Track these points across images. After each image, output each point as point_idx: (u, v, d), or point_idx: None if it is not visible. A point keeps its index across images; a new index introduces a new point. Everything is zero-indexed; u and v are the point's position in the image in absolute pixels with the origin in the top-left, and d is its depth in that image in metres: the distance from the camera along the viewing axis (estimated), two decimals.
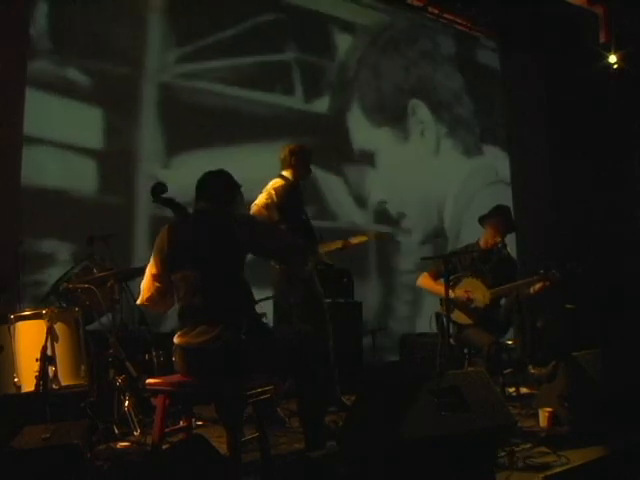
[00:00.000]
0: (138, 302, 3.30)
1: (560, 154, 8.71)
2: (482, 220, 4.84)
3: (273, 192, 4.33)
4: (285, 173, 4.52)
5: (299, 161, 4.52)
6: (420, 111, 7.78)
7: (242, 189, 3.39)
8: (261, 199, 4.31)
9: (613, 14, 7.99)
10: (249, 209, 4.29)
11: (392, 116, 7.54)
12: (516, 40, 8.67)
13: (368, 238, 4.94)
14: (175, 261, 3.18)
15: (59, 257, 5.17)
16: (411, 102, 7.72)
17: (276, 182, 4.41)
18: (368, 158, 7.19)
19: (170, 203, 3.24)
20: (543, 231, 8.68)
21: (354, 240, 4.76)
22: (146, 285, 3.25)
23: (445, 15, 8.16)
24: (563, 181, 8.70)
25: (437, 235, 7.45)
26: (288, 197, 4.38)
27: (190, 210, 3.30)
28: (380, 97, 7.42)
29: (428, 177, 7.68)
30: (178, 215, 3.25)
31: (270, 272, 4.46)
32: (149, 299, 3.25)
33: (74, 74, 5.55)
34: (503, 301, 4.80)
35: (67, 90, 5.50)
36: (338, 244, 4.67)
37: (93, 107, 5.63)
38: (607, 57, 7.84)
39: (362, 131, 7.19)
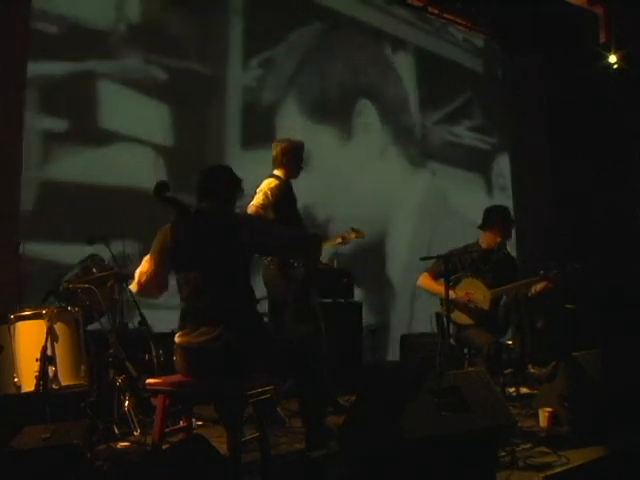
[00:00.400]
0: (131, 287, 3.29)
1: (560, 154, 8.70)
2: (483, 226, 4.81)
3: (269, 192, 4.35)
4: (277, 172, 4.53)
5: (291, 160, 4.54)
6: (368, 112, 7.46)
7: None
8: (258, 199, 4.33)
9: (613, 14, 7.98)
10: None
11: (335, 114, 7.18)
12: (516, 40, 8.68)
13: (363, 235, 4.97)
14: (177, 261, 3.18)
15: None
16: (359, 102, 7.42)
17: (271, 182, 4.43)
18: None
19: (172, 202, 3.23)
20: (543, 231, 8.68)
21: (351, 235, 4.81)
22: (141, 278, 3.20)
23: (445, 15, 8.16)
24: (563, 181, 8.70)
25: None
26: (283, 196, 4.42)
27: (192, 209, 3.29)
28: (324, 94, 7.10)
29: (369, 181, 7.26)
30: (180, 214, 3.25)
31: (264, 270, 4.46)
32: (142, 290, 3.24)
33: (156, 72, 5.87)
34: (503, 301, 4.79)
35: (148, 87, 5.80)
36: (337, 239, 4.75)
37: (170, 104, 5.96)
38: (607, 57, 7.83)
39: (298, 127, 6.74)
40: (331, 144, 6.85)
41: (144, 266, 3.21)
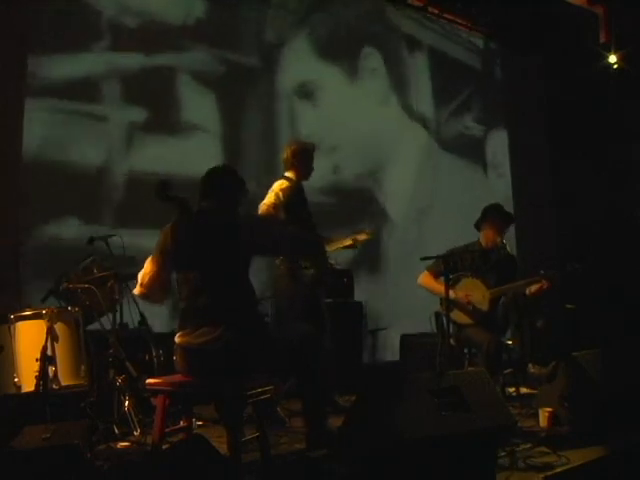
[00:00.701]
0: (134, 292, 3.30)
1: (560, 154, 8.71)
2: (478, 225, 4.83)
3: (280, 193, 4.40)
4: (288, 174, 4.59)
5: (301, 162, 4.59)
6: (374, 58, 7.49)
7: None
8: (269, 199, 4.39)
9: (613, 14, 7.98)
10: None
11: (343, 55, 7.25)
12: (516, 40, 8.68)
13: (372, 236, 4.97)
14: (178, 261, 3.18)
15: None
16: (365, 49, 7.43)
17: (282, 183, 4.49)
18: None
19: (175, 201, 3.23)
20: (543, 231, 8.68)
21: (361, 236, 4.82)
22: (144, 280, 3.21)
23: (445, 15, 8.16)
24: (563, 181, 8.71)
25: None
26: (294, 197, 4.47)
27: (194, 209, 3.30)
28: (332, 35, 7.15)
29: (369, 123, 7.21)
30: (182, 214, 3.25)
31: (274, 270, 4.51)
32: (145, 294, 3.24)
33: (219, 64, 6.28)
34: (503, 300, 4.80)
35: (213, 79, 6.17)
36: (348, 241, 4.74)
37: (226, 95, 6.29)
38: (607, 57, 7.84)
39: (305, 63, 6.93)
40: (337, 82, 6.95)
41: (146, 268, 3.21)
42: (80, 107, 5.51)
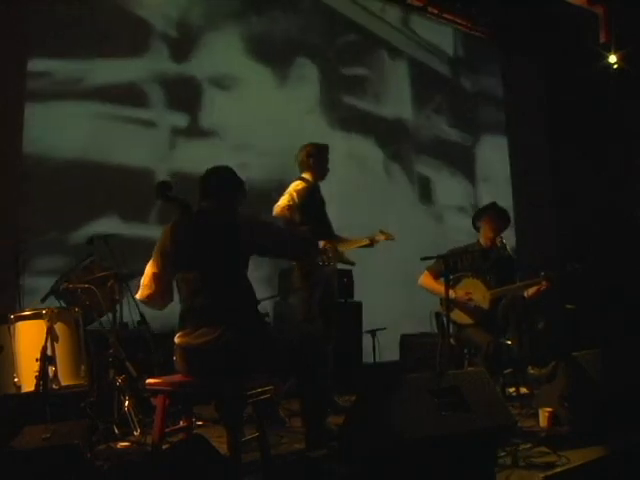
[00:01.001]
0: (137, 296, 3.30)
1: (560, 154, 8.71)
2: (475, 221, 4.85)
3: (295, 194, 4.45)
4: (305, 175, 4.66)
5: (317, 162, 4.66)
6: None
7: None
8: (283, 201, 4.43)
9: (613, 14, 7.99)
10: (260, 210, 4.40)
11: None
12: (516, 40, 8.68)
13: (391, 237, 4.96)
14: (177, 261, 3.18)
15: None
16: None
17: (297, 184, 4.55)
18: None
19: (175, 201, 3.24)
20: (543, 231, 8.68)
21: (380, 237, 4.85)
22: (145, 282, 3.22)
23: (445, 15, 8.17)
24: (563, 181, 8.71)
25: None
26: (309, 198, 4.51)
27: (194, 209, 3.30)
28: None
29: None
30: (182, 214, 3.25)
31: (293, 270, 4.57)
32: (148, 296, 3.23)
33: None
34: (503, 301, 4.80)
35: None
36: (365, 241, 4.78)
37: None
38: (607, 57, 7.84)
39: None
40: (263, 83, 6.80)
41: (147, 270, 3.22)
42: (123, 111, 5.78)
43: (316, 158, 4.65)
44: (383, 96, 7.72)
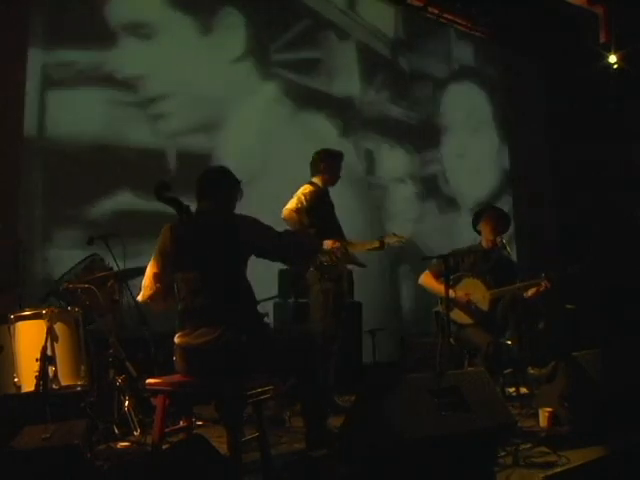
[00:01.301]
0: (139, 298, 3.30)
1: (560, 154, 8.71)
2: (474, 223, 4.87)
3: (302, 197, 4.52)
4: (315, 179, 4.72)
5: (328, 168, 4.72)
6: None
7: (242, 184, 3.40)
8: (291, 204, 4.49)
9: (613, 14, 8.00)
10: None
11: None
12: (516, 40, 8.68)
13: (404, 240, 4.95)
14: (176, 262, 3.19)
15: None
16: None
17: (306, 188, 4.60)
18: None
19: (173, 202, 3.24)
20: (543, 231, 8.69)
21: (391, 239, 4.83)
22: (147, 283, 3.24)
23: (445, 15, 8.17)
24: (563, 181, 8.71)
25: None
26: (317, 202, 4.57)
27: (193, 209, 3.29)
28: None
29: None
30: (180, 214, 3.25)
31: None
32: (150, 297, 3.25)
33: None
34: (503, 301, 4.80)
35: None
36: (375, 243, 4.78)
37: None
38: (607, 57, 7.85)
39: None
40: (184, 32, 6.48)
41: (148, 271, 3.23)
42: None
43: (327, 163, 4.72)
44: (333, 75, 7.61)
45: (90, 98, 5.61)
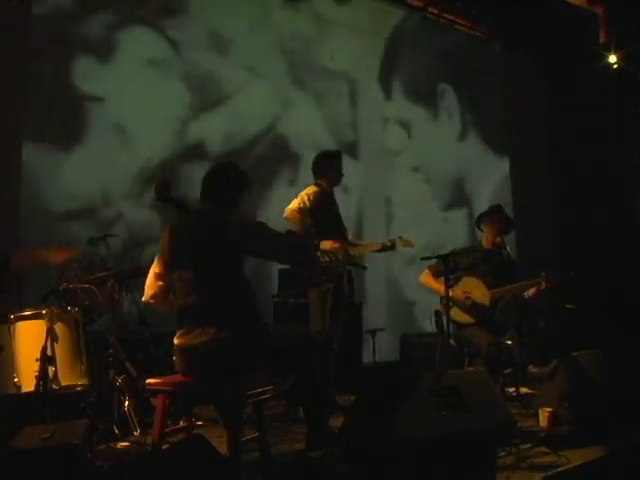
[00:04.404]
0: (143, 299, 3.32)
1: (560, 154, 8.71)
2: (478, 221, 4.88)
3: (305, 197, 4.55)
4: (319, 180, 4.74)
5: (330, 169, 4.75)
6: None
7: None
8: (294, 204, 4.52)
9: (613, 14, 8.00)
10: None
11: None
12: (516, 40, 8.68)
13: (411, 244, 4.95)
14: (174, 261, 3.19)
15: None
16: None
17: (310, 189, 4.64)
18: None
19: (173, 201, 3.23)
20: (543, 231, 8.68)
21: (398, 243, 4.86)
22: (150, 283, 3.27)
23: (445, 15, 8.17)
24: (563, 181, 8.71)
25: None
26: (320, 202, 4.58)
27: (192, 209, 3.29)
28: None
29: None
30: (181, 214, 3.25)
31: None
32: (153, 296, 3.26)
33: None
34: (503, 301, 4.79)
35: None
36: (376, 246, 4.84)
37: None
38: (607, 57, 7.84)
39: None
40: None
41: (150, 271, 3.25)
42: None
43: (330, 165, 4.75)
44: None
45: None
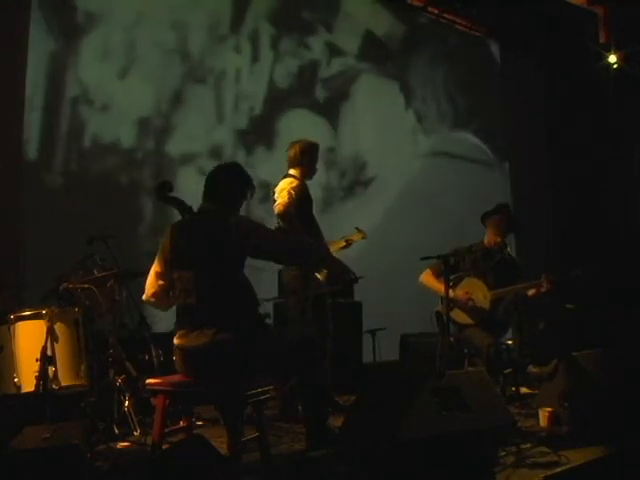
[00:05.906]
0: (143, 298, 3.33)
1: (560, 154, 8.71)
2: (484, 218, 4.87)
3: (292, 191, 4.37)
4: (293, 172, 4.55)
5: (309, 160, 4.57)
6: None
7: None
8: (284, 199, 4.33)
9: (613, 14, 7.99)
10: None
11: None
12: (516, 40, 8.68)
13: (365, 235, 4.93)
14: (174, 261, 3.19)
15: None
16: None
17: (292, 181, 4.45)
18: None
19: (175, 202, 3.23)
20: (543, 231, 8.67)
21: (355, 237, 4.79)
22: (150, 282, 3.28)
23: (445, 15, 8.16)
24: (563, 181, 8.71)
25: None
26: (302, 195, 4.45)
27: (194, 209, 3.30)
28: None
29: None
30: (182, 214, 3.25)
31: (284, 270, 4.52)
32: (153, 295, 3.27)
33: None
34: (504, 301, 4.79)
35: None
36: (341, 243, 4.71)
37: None
38: (607, 57, 7.84)
39: None
40: None
41: (151, 270, 3.26)
42: None
43: (309, 156, 4.56)
44: None
45: None
